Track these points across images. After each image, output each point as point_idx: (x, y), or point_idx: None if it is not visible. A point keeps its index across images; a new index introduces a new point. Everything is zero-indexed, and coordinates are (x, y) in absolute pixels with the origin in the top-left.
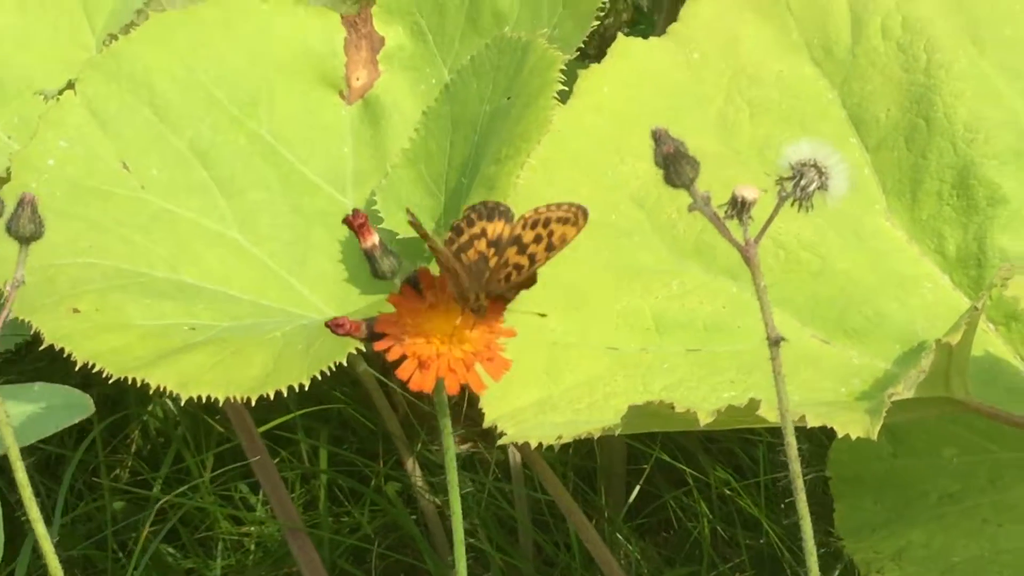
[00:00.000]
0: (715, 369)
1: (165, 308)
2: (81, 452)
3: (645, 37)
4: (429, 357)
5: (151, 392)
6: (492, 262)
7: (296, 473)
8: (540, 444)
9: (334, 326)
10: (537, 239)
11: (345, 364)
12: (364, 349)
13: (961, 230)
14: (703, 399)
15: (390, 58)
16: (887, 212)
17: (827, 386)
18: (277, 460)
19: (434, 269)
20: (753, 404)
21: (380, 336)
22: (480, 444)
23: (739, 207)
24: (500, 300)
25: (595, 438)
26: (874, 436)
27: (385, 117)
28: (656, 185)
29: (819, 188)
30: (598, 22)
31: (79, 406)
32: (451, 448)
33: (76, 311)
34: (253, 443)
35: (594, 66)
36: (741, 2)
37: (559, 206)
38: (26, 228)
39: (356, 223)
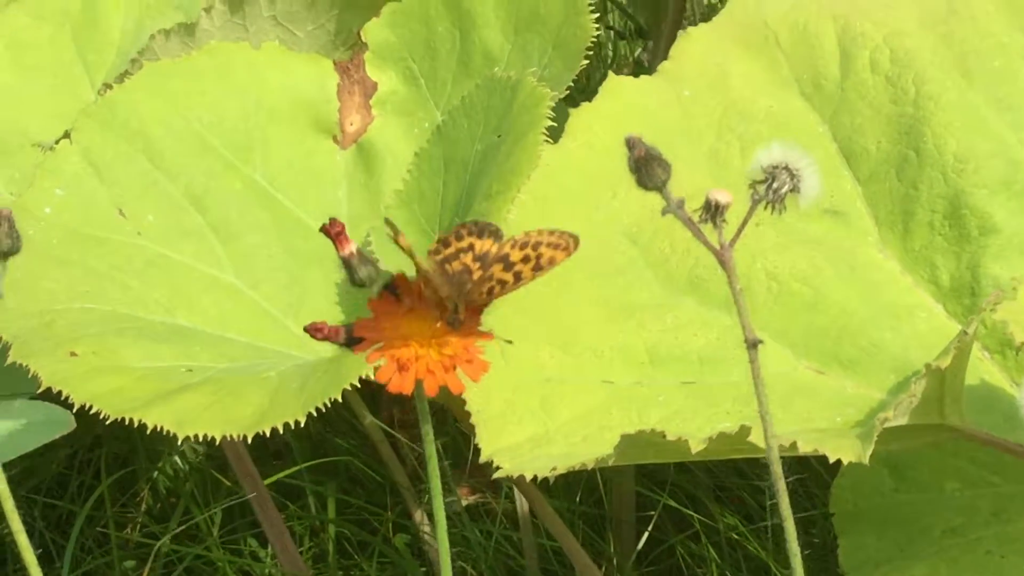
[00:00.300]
0: (711, 401)
1: (162, 351)
2: (89, 508)
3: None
4: (408, 359)
5: (150, 431)
6: (476, 275)
7: (304, 526)
8: (546, 486)
9: (313, 330)
10: (525, 259)
11: (343, 403)
12: (358, 384)
13: (954, 260)
14: (698, 430)
15: (383, 103)
16: (880, 243)
17: (822, 416)
18: (285, 513)
19: (412, 275)
20: (744, 431)
21: (358, 340)
22: (488, 494)
23: (713, 211)
24: (477, 308)
25: (603, 487)
26: (865, 460)
27: (379, 161)
28: (650, 220)
29: (791, 190)
30: (587, 61)
31: (60, 422)
32: (433, 456)
33: (73, 355)
34: (260, 496)
35: (585, 104)
36: (730, 40)
37: (551, 232)
38: (3, 243)
39: (333, 231)
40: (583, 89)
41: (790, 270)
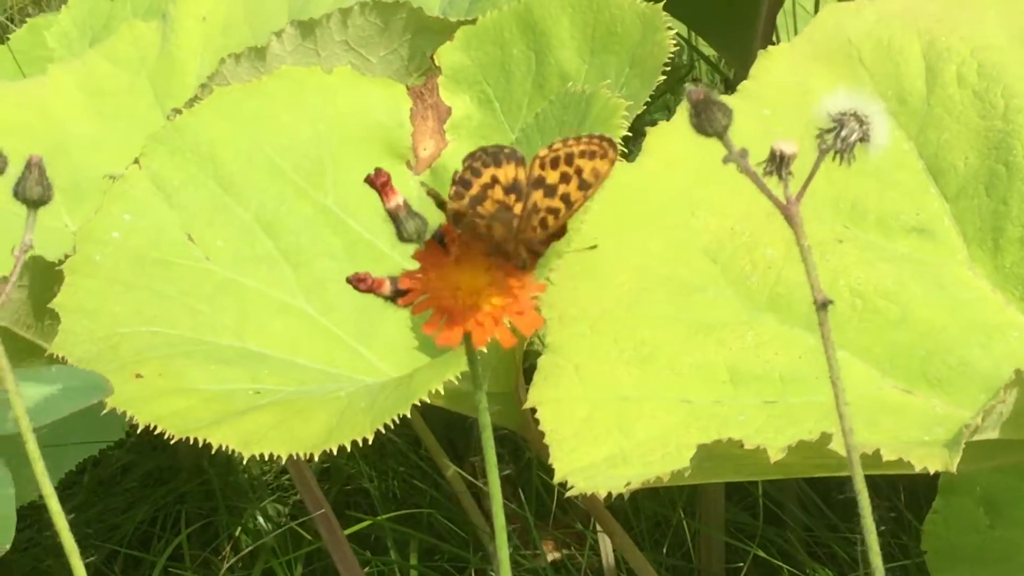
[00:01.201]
0: (793, 420)
1: (229, 373)
2: (166, 558)
3: None
4: (456, 310)
5: (214, 451)
6: (517, 209)
7: None
8: (633, 537)
9: (356, 281)
10: (565, 178)
11: (424, 454)
12: (421, 403)
13: None
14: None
15: (457, 127)
16: (969, 261)
17: (909, 435)
18: (367, 568)
19: None
20: (824, 438)
21: (404, 292)
22: (573, 547)
23: (778, 162)
24: (531, 255)
25: (691, 539)
26: (953, 469)
27: None
28: (730, 239)
29: (860, 139)
30: (663, 77)
31: (97, 387)
32: (490, 439)
33: (139, 376)
34: (341, 548)
35: (662, 123)
36: (812, 58)
37: (578, 139)
38: (33, 191)
39: (379, 182)
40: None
41: (875, 287)
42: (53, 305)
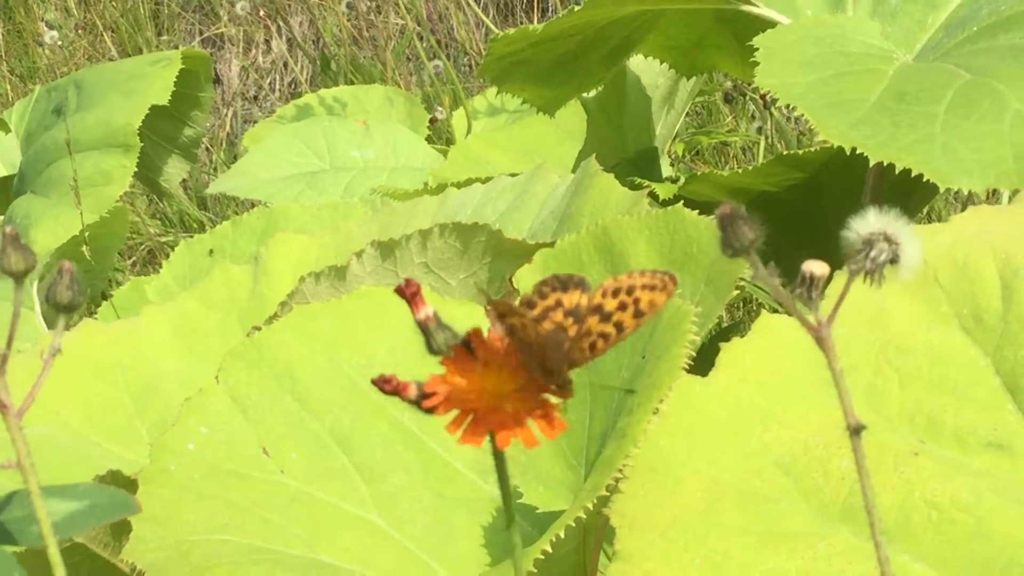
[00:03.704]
0: None
1: None
2: None
3: None
4: (480, 410)
5: None
6: (572, 331)
7: None
8: None
9: (381, 383)
10: (622, 306)
11: None
12: None
13: None
14: None
15: None
16: None
17: None
18: None
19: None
20: None
21: (429, 395)
22: None
23: (808, 284)
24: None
25: None
26: None
27: None
28: (804, 453)
29: (891, 260)
30: (738, 291)
31: (125, 505)
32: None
33: None
34: None
35: (737, 339)
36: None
37: (642, 273)
38: (64, 295)
39: (409, 292)
40: None
41: (951, 499)
42: None
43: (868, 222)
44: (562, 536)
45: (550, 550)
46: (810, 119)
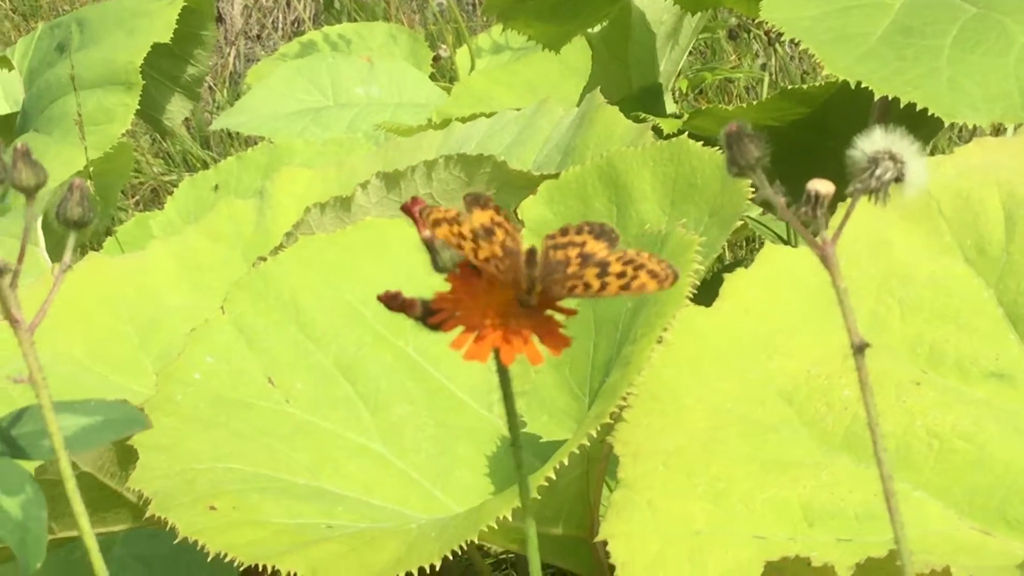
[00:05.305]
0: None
1: (303, 508)
2: None
3: None
4: (484, 327)
5: None
6: (570, 269)
7: None
8: None
9: (387, 299)
10: (620, 275)
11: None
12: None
13: None
14: None
15: None
16: None
17: (989, 573)
18: None
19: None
20: (894, 554)
21: (435, 312)
22: None
23: (814, 202)
24: (550, 299)
25: None
26: None
27: None
28: (806, 382)
29: (896, 178)
30: (741, 222)
31: (136, 420)
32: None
33: (213, 508)
34: None
35: (740, 270)
36: (891, 208)
37: (659, 260)
38: (74, 211)
39: (415, 210)
40: None
41: (952, 428)
42: (132, 442)
43: (874, 141)
44: (566, 463)
45: (554, 477)
46: (815, 53)
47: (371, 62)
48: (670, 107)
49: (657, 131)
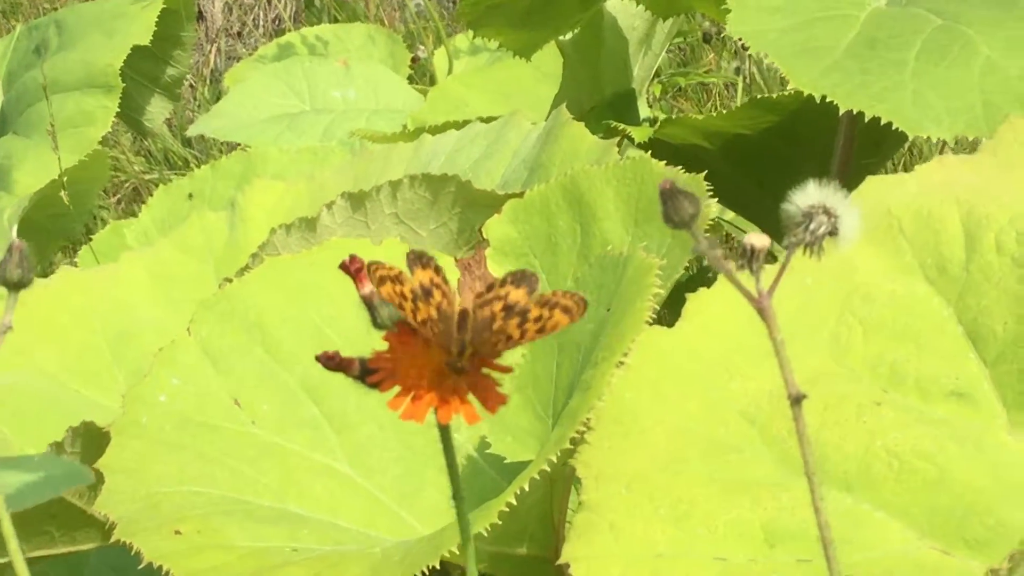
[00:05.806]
0: None
1: (268, 532)
2: None
3: None
4: (421, 388)
5: None
6: (496, 325)
7: None
8: None
9: (325, 359)
10: (538, 319)
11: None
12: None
13: None
14: None
15: None
16: (1009, 426)
17: None
18: None
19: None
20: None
21: (373, 371)
22: None
23: (749, 256)
24: (483, 358)
25: None
26: None
27: None
28: (768, 402)
29: (830, 232)
30: (712, 223)
31: (78, 475)
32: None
33: (178, 532)
34: None
35: (703, 290)
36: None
37: (571, 295)
38: (12, 274)
39: (352, 268)
40: None
41: (912, 448)
42: (98, 465)
43: (808, 195)
44: (527, 489)
45: (515, 503)
46: (781, 67)
47: (347, 65)
48: (644, 112)
49: (629, 139)
